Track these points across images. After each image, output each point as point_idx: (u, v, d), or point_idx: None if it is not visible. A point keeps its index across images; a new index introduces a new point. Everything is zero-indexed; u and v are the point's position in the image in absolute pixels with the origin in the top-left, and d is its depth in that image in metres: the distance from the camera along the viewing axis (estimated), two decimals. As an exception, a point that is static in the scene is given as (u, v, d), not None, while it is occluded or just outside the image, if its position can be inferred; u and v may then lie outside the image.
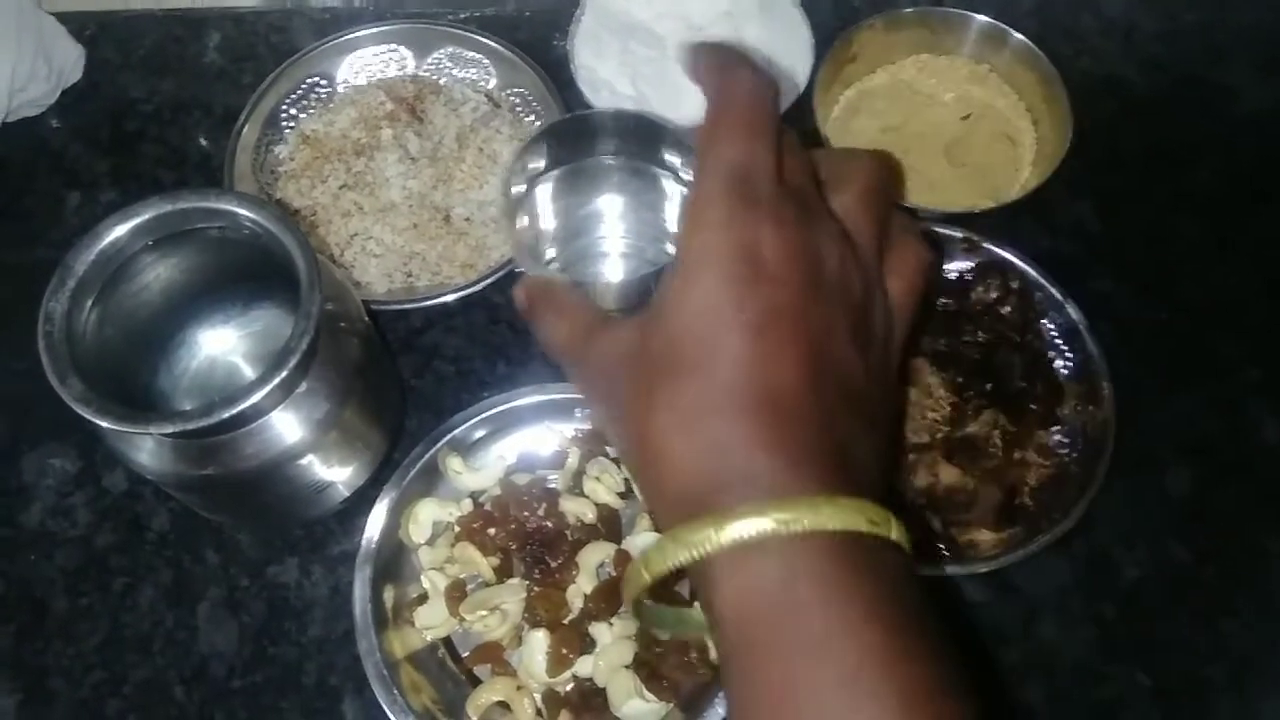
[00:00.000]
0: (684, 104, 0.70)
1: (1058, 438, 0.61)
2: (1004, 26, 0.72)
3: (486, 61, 0.76)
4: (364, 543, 0.58)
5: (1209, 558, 0.63)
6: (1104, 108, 0.74)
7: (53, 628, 0.62)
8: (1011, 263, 0.63)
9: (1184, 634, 0.61)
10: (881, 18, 0.73)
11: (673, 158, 0.62)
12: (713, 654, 0.54)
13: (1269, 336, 0.69)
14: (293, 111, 0.74)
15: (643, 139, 0.62)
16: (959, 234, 0.64)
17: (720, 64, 0.37)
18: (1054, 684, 0.59)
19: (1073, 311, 0.62)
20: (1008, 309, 0.62)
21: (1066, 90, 0.69)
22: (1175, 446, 0.65)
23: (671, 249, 0.65)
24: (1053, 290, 0.62)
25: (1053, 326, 0.63)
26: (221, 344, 0.62)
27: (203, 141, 0.76)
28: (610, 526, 0.60)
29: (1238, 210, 0.73)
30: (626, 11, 0.76)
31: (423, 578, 0.59)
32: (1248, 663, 0.60)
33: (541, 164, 0.63)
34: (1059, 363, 0.62)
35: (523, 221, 0.63)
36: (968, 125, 0.73)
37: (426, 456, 0.60)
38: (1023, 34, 0.71)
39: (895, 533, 0.33)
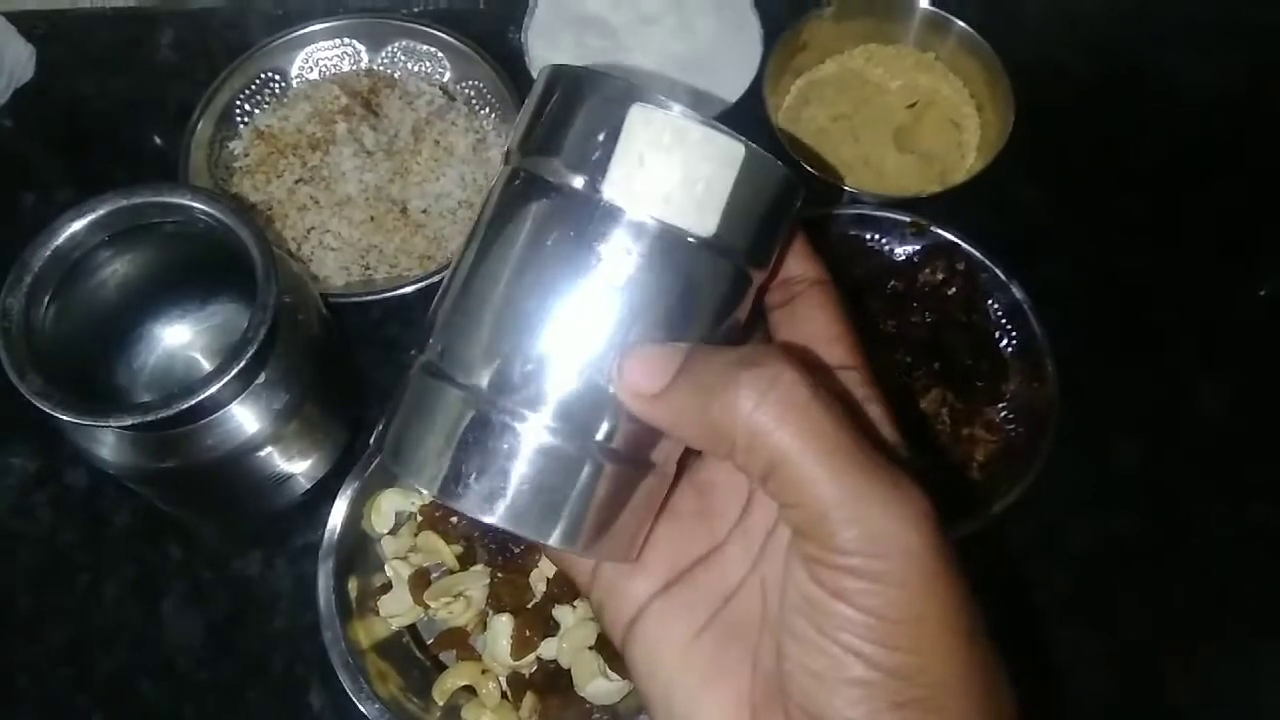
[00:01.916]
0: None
1: (1004, 414, 0.63)
2: (947, 15, 0.73)
3: (441, 55, 0.76)
4: (327, 534, 0.58)
5: (1153, 527, 0.65)
6: (1047, 93, 0.76)
7: (18, 627, 0.62)
8: (957, 245, 0.65)
9: (1131, 601, 0.63)
10: (830, 8, 0.74)
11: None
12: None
13: (1208, 313, 0.71)
14: (247, 107, 0.74)
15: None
16: (907, 218, 0.66)
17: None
18: (1006, 652, 0.61)
19: (1016, 291, 0.63)
20: (954, 290, 0.64)
21: (1009, 76, 0.71)
22: (1119, 420, 0.67)
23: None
24: (997, 271, 0.64)
25: (997, 306, 0.64)
26: (180, 338, 0.62)
27: (157, 139, 0.76)
28: (572, 511, 0.61)
29: (1178, 190, 0.75)
30: (580, 3, 0.76)
31: (386, 567, 0.60)
32: (1195, 629, 0.62)
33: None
34: (1004, 341, 0.64)
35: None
36: (914, 112, 0.74)
37: (388, 446, 0.60)
38: (966, 21, 0.73)
39: None
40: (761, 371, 0.26)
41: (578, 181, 0.28)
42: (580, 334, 0.28)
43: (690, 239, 0.28)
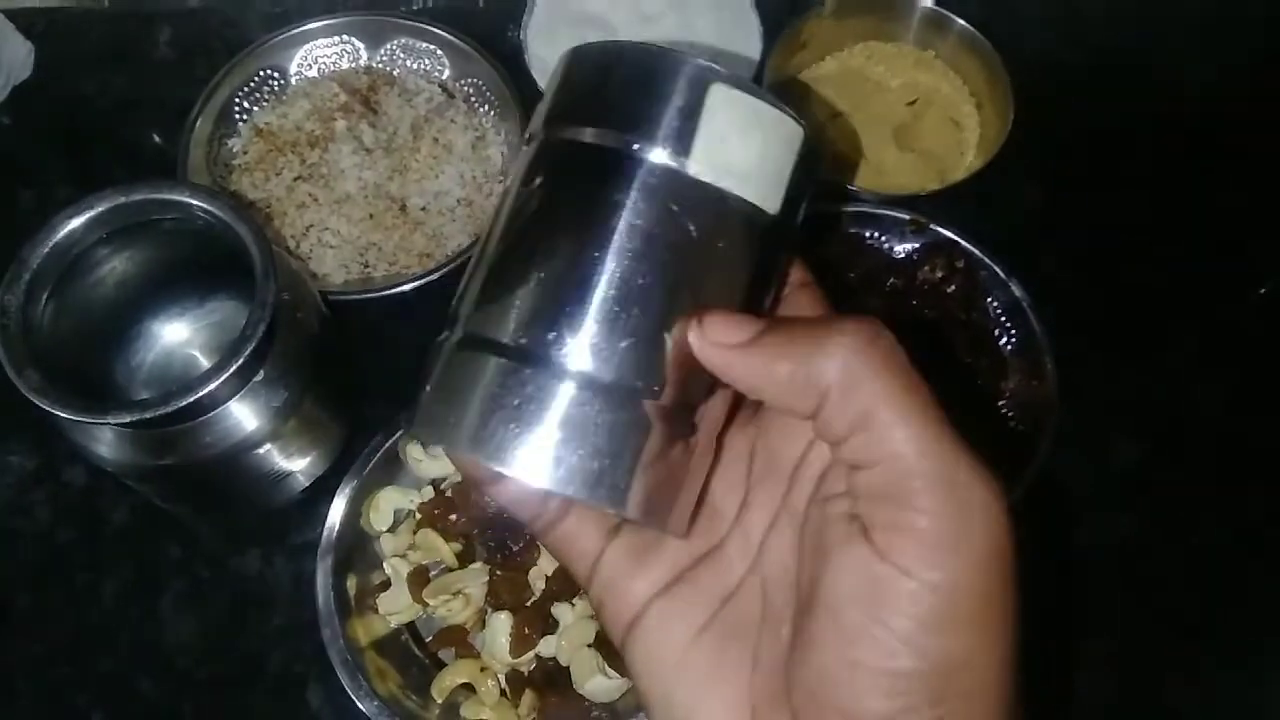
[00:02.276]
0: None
1: (1004, 412, 0.63)
2: (947, 13, 0.73)
3: (440, 52, 0.76)
4: (325, 531, 0.58)
5: (1153, 527, 0.65)
6: (1047, 90, 0.76)
7: (15, 625, 0.62)
8: (956, 243, 0.65)
9: (1131, 601, 0.63)
10: (829, 5, 0.74)
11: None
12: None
13: (1207, 311, 0.71)
14: (246, 105, 0.74)
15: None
16: (906, 215, 0.66)
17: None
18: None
19: (1015, 289, 0.63)
20: (953, 288, 0.64)
21: (1008, 74, 0.71)
22: (1119, 420, 0.67)
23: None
24: (996, 269, 0.64)
25: (996, 304, 0.64)
26: (178, 336, 0.62)
27: (155, 137, 0.76)
28: (570, 509, 0.61)
29: (1177, 188, 0.75)
30: (579, 1, 0.76)
31: (385, 565, 0.60)
32: (1195, 630, 0.62)
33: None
34: (1003, 339, 0.64)
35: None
36: (914, 110, 0.74)
37: (387, 445, 0.60)
38: (967, 19, 0.73)
39: None
40: (862, 326, 0.27)
41: (648, 152, 0.28)
42: (641, 297, 0.28)
43: (757, 214, 0.29)
